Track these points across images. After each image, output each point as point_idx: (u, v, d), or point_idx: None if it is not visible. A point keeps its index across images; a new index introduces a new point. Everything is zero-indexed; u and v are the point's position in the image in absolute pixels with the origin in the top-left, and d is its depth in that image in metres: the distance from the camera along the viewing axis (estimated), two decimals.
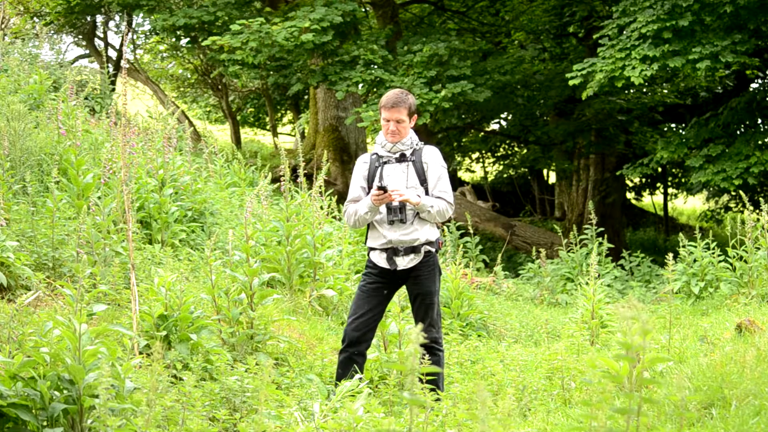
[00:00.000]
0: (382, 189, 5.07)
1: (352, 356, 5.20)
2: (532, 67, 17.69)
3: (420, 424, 3.65)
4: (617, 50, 12.94)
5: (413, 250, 5.22)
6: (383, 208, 5.22)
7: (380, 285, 5.29)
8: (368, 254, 5.37)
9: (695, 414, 4.20)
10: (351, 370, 5.14)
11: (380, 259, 5.28)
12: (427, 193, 5.25)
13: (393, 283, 5.34)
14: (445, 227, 10.24)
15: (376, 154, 5.34)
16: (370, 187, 5.27)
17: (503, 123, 22.91)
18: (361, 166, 5.38)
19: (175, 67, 24.94)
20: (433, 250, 5.30)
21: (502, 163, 26.35)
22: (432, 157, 5.29)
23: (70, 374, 3.80)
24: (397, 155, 5.27)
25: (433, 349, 5.25)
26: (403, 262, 5.24)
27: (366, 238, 5.38)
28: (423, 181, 5.25)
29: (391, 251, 5.23)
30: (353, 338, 5.19)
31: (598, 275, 11.43)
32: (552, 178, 26.10)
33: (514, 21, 18.70)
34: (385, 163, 5.29)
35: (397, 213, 5.18)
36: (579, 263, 12.18)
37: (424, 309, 5.27)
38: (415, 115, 5.33)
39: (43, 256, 6.52)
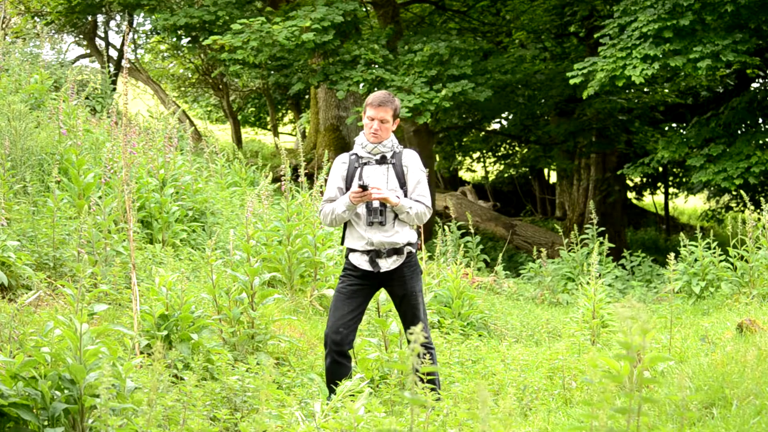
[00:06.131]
0: (363, 187, 4.98)
1: (336, 359, 5.09)
2: (533, 67, 17.67)
3: (421, 423, 3.64)
4: (618, 49, 12.94)
5: (396, 251, 5.15)
6: (362, 209, 5.14)
7: (360, 287, 5.18)
8: (347, 256, 5.25)
9: (696, 414, 4.20)
10: (340, 375, 5.08)
11: (361, 261, 5.16)
12: (405, 196, 5.19)
13: (374, 285, 5.24)
14: (446, 227, 10.26)
15: (356, 154, 5.24)
16: (347, 188, 5.18)
17: (504, 122, 22.91)
18: (340, 166, 5.27)
19: (176, 66, 24.95)
20: (414, 250, 5.25)
21: (502, 162, 26.36)
22: (412, 160, 5.23)
23: (71, 374, 3.81)
24: (378, 157, 5.20)
25: (426, 347, 5.24)
26: (386, 264, 5.14)
27: (343, 239, 5.27)
28: (402, 184, 5.18)
29: (374, 253, 5.14)
30: (335, 341, 5.07)
31: (599, 275, 11.44)
32: (553, 177, 26.10)
33: (514, 20, 18.69)
34: (365, 164, 5.20)
35: (377, 215, 5.09)
36: (580, 263, 12.18)
37: (412, 309, 5.22)
38: (398, 120, 5.27)
39: (44, 256, 6.52)
